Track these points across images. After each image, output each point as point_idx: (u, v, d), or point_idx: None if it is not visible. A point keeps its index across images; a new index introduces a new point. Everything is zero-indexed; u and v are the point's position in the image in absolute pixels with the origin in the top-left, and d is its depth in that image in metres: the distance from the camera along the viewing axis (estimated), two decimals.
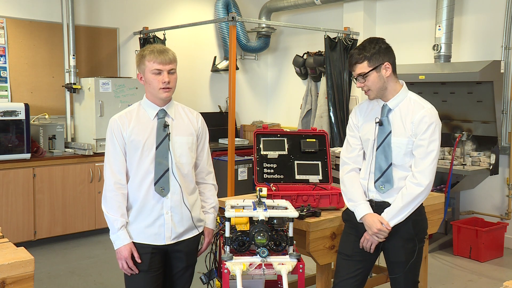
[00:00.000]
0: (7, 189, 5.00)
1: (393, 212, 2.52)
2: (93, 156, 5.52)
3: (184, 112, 2.60)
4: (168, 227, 2.47)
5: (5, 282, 1.88)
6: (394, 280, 2.65)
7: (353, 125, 2.71)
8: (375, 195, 2.60)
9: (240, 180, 6.25)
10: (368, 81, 2.53)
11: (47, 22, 5.85)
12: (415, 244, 2.60)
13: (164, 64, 2.44)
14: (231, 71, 5.24)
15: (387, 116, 2.57)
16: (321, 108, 6.50)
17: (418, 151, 2.51)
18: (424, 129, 2.50)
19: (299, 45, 7.38)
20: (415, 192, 2.49)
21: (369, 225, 2.54)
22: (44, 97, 5.86)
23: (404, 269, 2.59)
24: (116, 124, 2.48)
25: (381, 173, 2.56)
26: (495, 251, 5.05)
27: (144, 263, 2.47)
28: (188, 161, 2.54)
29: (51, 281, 4.34)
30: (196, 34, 7.06)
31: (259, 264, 2.30)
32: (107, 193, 2.46)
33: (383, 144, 2.55)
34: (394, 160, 2.55)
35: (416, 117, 2.52)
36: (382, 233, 2.53)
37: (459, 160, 5.25)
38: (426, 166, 2.49)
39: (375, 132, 2.58)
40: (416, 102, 2.59)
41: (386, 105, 2.59)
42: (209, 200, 2.68)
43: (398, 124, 2.55)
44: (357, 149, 2.68)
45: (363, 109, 2.70)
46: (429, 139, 2.49)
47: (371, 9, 6.48)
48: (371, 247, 2.59)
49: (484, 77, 4.85)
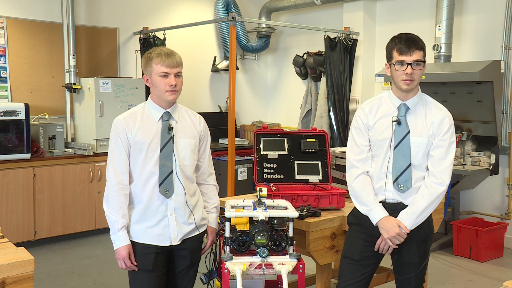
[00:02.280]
0: (7, 189, 5.00)
1: (415, 215, 2.50)
2: (93, 156, 5.52)
3: (188, 115, 2.62)
4: (173, 228, 2.49)
5: (5, 282, 1.88)
6: (405, 280, 2.62)
7: (362, 124, 2.64)
8: (392, 195, 2.56)
9: (240, 180, 6.25)
10: (419, 71, 2.51)
11: (47, 22, 5.85)
12: (428, 245, 2.61)
13: (172, 67, 2.46)
14: (231, 71, 5.24)
15: (405, 115, 2.56)
16: (321, 108, 6.50)
17: (437, 152, 2.52)
18: (445, 130, 2.52)
19: (299, 45, 7.38)
20: (438, 191, 2.50)
21: (386, 228, 2.50)
22: (44, 97, 5.86)
23: (417, 270, 2.58)
24: (121, 125, 2.49)
25: (400, 173, 2.53)
26: (495, 251, 5.05)
27: (148, 263, 2.48)
28: (191, 163, 2.57)
29: (51, 281, 4.34)
30: (196, 34, 7.06)
31: (259, 264, 2.30)
32: (109, 193, 2.47)
33: (402, 143, 2.53)
34: (412, 160, 2.53)
35: (436, 118, 2.53)
36: (399, 238, 2.50)
37: (459, 160, 5.25)
38: (447, 166, 2.51)
39: (392, 131, 2.55)
40: (433, 103, 2.60)
41: (405, 104, 2.56)
42: (211, 200, 2.71)
43: (417, 124, 2.54)
44: (366, 151, 2.63)
45: (374, 108, 2.64)
46: (449, 140, 2.52)
47: (371, 9, 6.48)
48: (389, 249, 2.57)
49: (484, 77, 4.85)
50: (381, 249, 2.59)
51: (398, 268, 2.65)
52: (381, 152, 2.58)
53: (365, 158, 2.62)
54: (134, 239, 2.49)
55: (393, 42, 2.55)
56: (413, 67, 2.48)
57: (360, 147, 2.63)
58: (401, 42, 2.51)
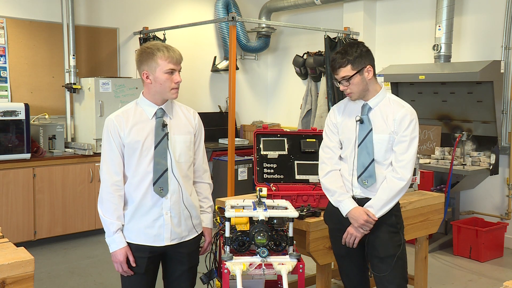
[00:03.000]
0: (7, 189, 5.00)
1: (379, 205, 2.58)
2: (93, 156, 5.52)
3: (181, 111, 2.55)
4: (167, 228, 2.42)
5: (5, 282, 1.88)
6: (382, 278, 2.63)
7: (331, 124, 2.77)
8: (358, 191, 2.65)
9: (240, 180, 6.25)
10: (352, 84, 2.62)
11: (47, 22, 5.85)
12: (401, 238, 2.66)
13: (178, 64, 2.42)
14: (231, 71, 5.24)
15: (367, 114, 2.65)
16: (321, 108, 6.51)
17: (399, 147, 2.60)
18: (405, 126, 2.60)
19: (299, 45, 7.38)
20: (398, 186, 2.58)
21: (355, 217, 2.58)
22: (44, 97, 5.86)
23: (392, 263, 2.60)
24: (112, 124, 2.42)
25: (364, 169, 2.62)
26: (495, 251, 5.05)
27: (141, 266, 2.44)
28: (187, 160, 2.50)
29: (51, 281, 4.34)
30: (196, 34, 7.06)
31: (259, 264, 2.30)
32: (103, 195, 2.41)
33: (365, 141, 2.63)
34: (375, 156, 2.62)
35: (398, 115, 2.62)
36: (368, 225, 2.57)
37: (459, 160, 5.25)
38: (408, 161, 2.59)
39: (356, 130, 2.65)
40: (396, 101, 2.69)
41: (367, 104, 2.67)
42: (206, 200, 2.65)
43: (379, 122, 2.63)
44: (333, 150, 2.74)
45: (341, 109, 2.77)
46: (410, 136, 2.60)
47: (371, 9, 6.48)
48: (354, 242, 2.62)
49: (484, 77, 4.85)
50: (347, 242, 2.65)
51: (375, 265, 2.66)
52: (348, 150, 2.69)
53: (333, 157, 2.73)
54: (128, 240, 2.43)
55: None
56: (343, 84, 2.63)
57: (330, 146, 2.76)
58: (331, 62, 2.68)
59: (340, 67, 2.61)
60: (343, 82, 2.63)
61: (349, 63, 2.59)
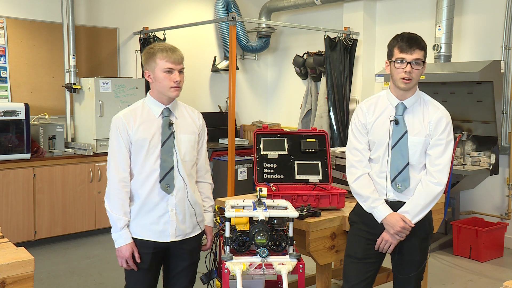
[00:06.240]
0: (7, 189, 5.00)
1: (415, 211, 2.52)
2: (93, 156, 5.52)
3: (187, 111, 2.63)
4: (172, 224, 2.49)
5: (5, 282, 1.88)
6: (405, 280, 2.62)
7: (360, 124, 2.64)
8: (392, 194, 2.58)
9: (240, 180, 6.25)
10: (418, 70, 2.50)
11: (47, 22, 5.85)
12: (429, 243, 2.64)
13: (176, 63, 2.46)
14: (231, 71, 5.24)
15: (403, 114, 2.56)
16: (321, 108, 6.50)
17: (435, 151, 2.53)
18: (442, 130, 2.53)
19: (299, 45, 7.38)
20: (435, 191, 2.52)
21: (391, 224, 2.51)
22: (44, 97, 5.86)
23: (418, 268, 2.59)
24: (121, 122, 2.48)
25: (398, 172, 2.54)
26: (495, 251, 5.05)
27: (145, 261, 2.49)
28: (191, 159, 2.58)
29: (51, 281, 4.34)
30: (196, 34, 7.06)
31: (259, 264, 2.30)
32: (111, 191, 2.47)
33: (399, 143, 2.54)
34: (410, 159, 2.54)
35: (433, 118, 2.54)
36: (404, 231, 2.52)
37: (459, 160, 5.25)
38: (444, 165, 2.52)
39: (390, 131, 2.56)
40: (430, 102, 2.61)
41: (402, 103, 2.57)
42: (207, 199, 2.72)
43: (414, 124, 2.55)
44: (363, 152, 2.63)
45: (372, 107, 2.65)
46: (446, 139, 2.54)
47: (371, 9, 6.48)
48: (389, 248, 2.57)
49: (484, 77, 4.85)
50: (381, 248, 2.59)
51: (399, 266, 2.65)
52: (380, 152, 2.59)
53: (362, 159, 2.63)
54: (133, 235, 2.49)
55: (395, 40, 2.55)
56: (412, 66, 2.48)
57: (358, 148, 2.65)
58: (403, 40, 2.51)
59: (418, 48, 2.48)
60: (414, 65, 2.47)
61: (424, 49, 2.51)
